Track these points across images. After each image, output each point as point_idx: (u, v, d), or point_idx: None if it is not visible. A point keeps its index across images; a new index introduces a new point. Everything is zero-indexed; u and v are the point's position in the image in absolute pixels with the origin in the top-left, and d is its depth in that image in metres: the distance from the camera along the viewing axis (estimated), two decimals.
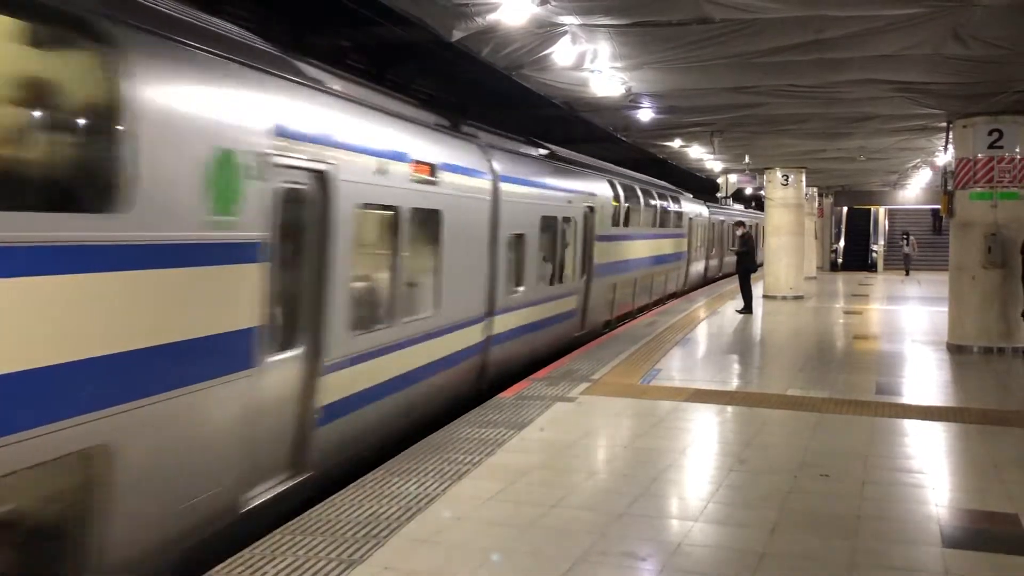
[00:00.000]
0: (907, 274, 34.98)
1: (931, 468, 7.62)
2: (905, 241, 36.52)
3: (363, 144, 7.62)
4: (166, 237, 5.10)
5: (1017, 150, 13.72)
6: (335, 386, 7.05)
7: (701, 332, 16.67)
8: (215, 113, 5.58)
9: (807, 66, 11.08)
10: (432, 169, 9.10)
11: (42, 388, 4.23)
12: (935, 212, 39.65)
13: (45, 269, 4.24)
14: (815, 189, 33.31)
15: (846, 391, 10.85)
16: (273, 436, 6.28)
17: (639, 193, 20.22)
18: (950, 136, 14.79)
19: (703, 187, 32.71)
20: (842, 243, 42.20)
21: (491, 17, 8.69)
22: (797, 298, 23.59)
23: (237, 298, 5.73)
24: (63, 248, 4.35)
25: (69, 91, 4.72)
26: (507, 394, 10.23)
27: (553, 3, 8.47)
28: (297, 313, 6.70)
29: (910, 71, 11.25)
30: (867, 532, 5.92)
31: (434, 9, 8.68)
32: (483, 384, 11.20)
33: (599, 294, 16.46)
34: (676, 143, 20.19)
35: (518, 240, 12.10)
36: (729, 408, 9.86)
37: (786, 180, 24.38)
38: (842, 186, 36.60)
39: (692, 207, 27.49)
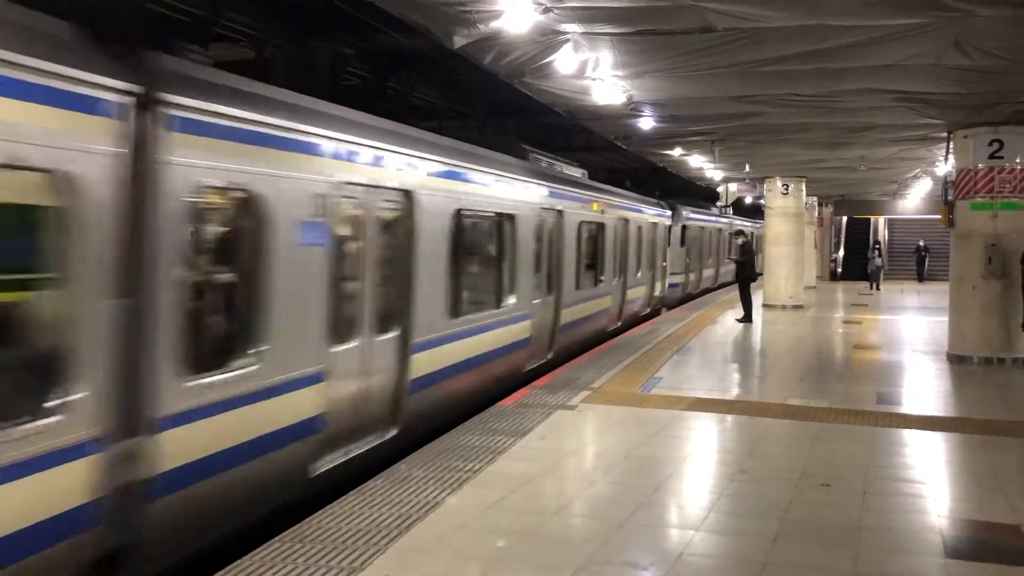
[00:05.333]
0: (876, 288, 31.73)
1: (932, 478, 7.60)
2: (876, 252, 34.46)
3: None
4: None
5: (1018, 160, 13.72)
6: None
7: (701, 341, 16.64)
8: None
9: (808, 75, 11.10)
10: None
11: None
12: (919, 256, 37.57)
13: None
14: (815, 198, 33.29)
15: (847, 401, 10.82)
16: None
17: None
18: (951, 146, 14.81)
19: (702, 194, 32.65)
20: (842, 252, 42.21)
21: (494, 24, 8.70)
22: (797, 307, 23.59)
23: None
24: None
25: None
26: (507, 402, 10.20)
27: (556, 11, 8.48)
28: None
29: (911, 81, 11.27)
30: (868, 542, 5.90)
31: (437, 16, 8.69)
32: None
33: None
34: (676, 152, 20.20)
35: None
36: (730, 417, 9.84)
37: (786, 189, 24.41)
38: (842, 195, 36.58)
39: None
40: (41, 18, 4.85)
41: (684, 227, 26.25)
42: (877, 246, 35.88)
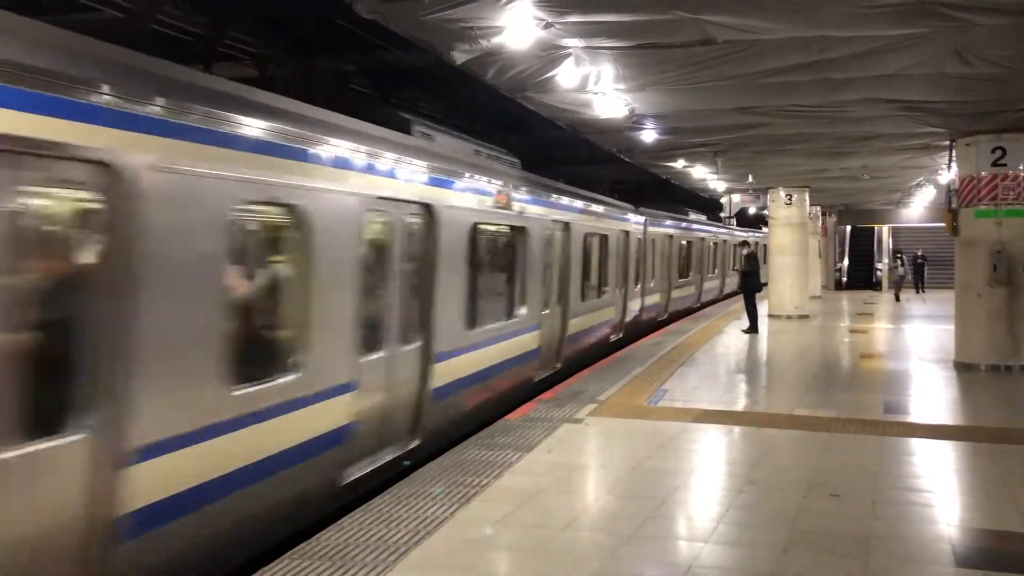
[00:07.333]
0: (896, 298, 31.85)
1: (941, 487, 7.58)
2: (899, 262, 33.89)
3: None
4: None
5: (1021, 167, 13.73)
6: None
7: (707, 352, 16.63)
8: None
9: (810, 86, 11.12)
10: None
11: None
12: (916, 264, 36.22)
13: None
14: (818, 208, 33.27)
15: (854, 410, 10.80)
16: None
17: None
18: (953, 154, 14.82)
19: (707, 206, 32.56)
20: (846, 262, 42.12)
21: (495, 40, 8.74)
22: (802, 317, 23.56)
23: None
24: None
25: None
26: (514, 416, 10.20)
27: (557, 26, 8.52)
28: None
29: (913, 90, 11.29)
30: (878, 552, 5.88)
31: (439, 33, 8.73)
32: None
33: None
34: (679, 163, 20.24)
35: None
36: (737, 428, 9.83)
37: (789, 199, 24.41)
38: (845, 205, 36.55)
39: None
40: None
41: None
42: (899, 255, 35.37)
